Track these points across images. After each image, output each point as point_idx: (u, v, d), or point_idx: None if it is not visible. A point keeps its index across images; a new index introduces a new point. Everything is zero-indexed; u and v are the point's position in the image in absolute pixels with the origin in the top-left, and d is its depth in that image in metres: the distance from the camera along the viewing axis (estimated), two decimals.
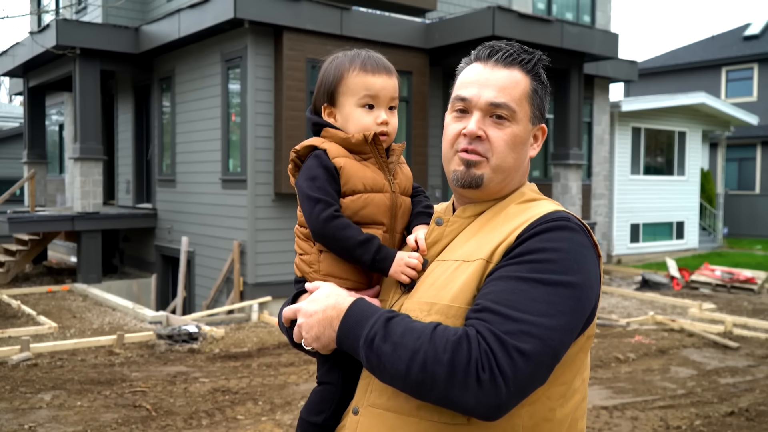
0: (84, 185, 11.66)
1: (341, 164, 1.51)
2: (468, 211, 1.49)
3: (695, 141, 17.97)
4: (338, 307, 1.38)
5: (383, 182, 1.54)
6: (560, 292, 1.27)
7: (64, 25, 11.27)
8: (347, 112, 1.57)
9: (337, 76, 1.58)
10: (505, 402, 1.21)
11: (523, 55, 1.47)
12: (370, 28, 10.41)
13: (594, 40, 11.67)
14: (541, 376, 1.26)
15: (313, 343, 1.42)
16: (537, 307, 1.25)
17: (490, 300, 1.28)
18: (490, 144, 1.44)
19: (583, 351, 1.41)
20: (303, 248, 1.56)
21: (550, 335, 1.24)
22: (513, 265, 1.32)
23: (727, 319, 9.13)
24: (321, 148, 1.53)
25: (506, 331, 1.23)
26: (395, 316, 1.32)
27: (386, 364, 1.26)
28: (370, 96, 1.57)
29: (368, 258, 1.46)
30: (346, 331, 1.34)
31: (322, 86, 1.60)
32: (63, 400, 5.73)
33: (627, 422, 5.44)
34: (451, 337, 1.23)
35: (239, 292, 9.89)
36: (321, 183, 1.49)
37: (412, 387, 1.25)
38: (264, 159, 9.87)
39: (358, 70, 1.57)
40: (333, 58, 1.64)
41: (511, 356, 1.21)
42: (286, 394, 6.02)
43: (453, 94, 1.50)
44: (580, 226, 1.38)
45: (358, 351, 1.32)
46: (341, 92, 1.58)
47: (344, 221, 1.47)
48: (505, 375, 1.20)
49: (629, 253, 16.45)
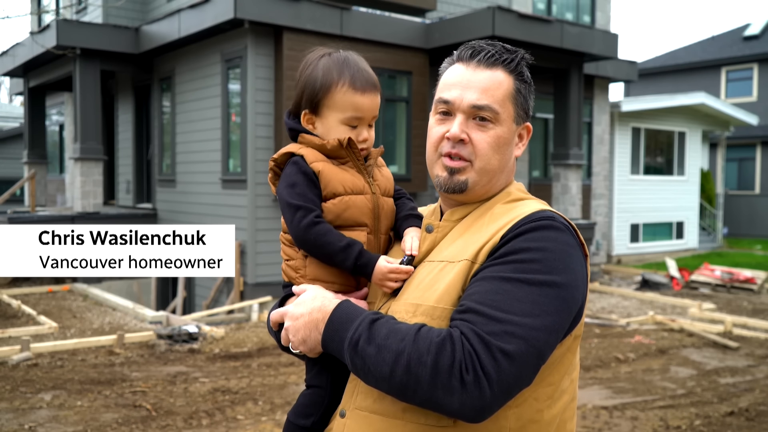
0: (84, 185, 11.67)
1: (319, 168, 1.50)
2: (456, 214, 1.49)
3: (695, 141, 17.97)
4: (323, 309, 1.37)
5: (363, 184, 1.53)
6: (545, 292, 1.27)
7: (64, 25, 11.28)
8: (330, 125, 1.55)
9: (325, 86, 1.54)
10: (490, 403, 1.20)
11: (505, 54, 1.46)
12: (370, 28, 10.41)
13: (594, 40, 11.67)
14: (526, 377, 1.25)
15: (299, 346, 1.41)
16: (521, 308, 1.24)
17: (474, 301, 1.27)
18: (474, 147, 1.43)
19: (571, 351, 1.40)
20: (289, 254, 1.56)
21: (535, 335, 1.23)
22: (497, 265, 1.31)
23: (727, 319, 9.13)
24: (298, 154, 1.52)
25: (490, 332, 1.22)
26: (380, 317, 1.31)
27: (370, 366, 1.26)
28: (356, 117, 1.55)
29: (350, 264, 1.46)
30: (331, 334, 1.34)
31: (305, 92, 1.57)
32: (63, 400, 5.73)
33: (627, 422, 5.44)
34: (435, 339, 1.23)
35: (239, 292, 9.90)
36: (301, 189, 1.48)
37: (397, 389, 1.25)
38: (264, 159, 9.87)
39: (347, 86, 1.53)
40: (317, 58, 1.59)
41: (495, 357, 1.20)
42: (286, 394, 6.03)
43: (436, 96, 1.49)
44: (566, 225, 1.37)
45: (343, 353, 1.32)
46: (326, 105, 1.55)
47: (325, 227, 1.47)
48: (489, 376, 1.19)
49: (629, 253, 16.46)
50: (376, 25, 10.53)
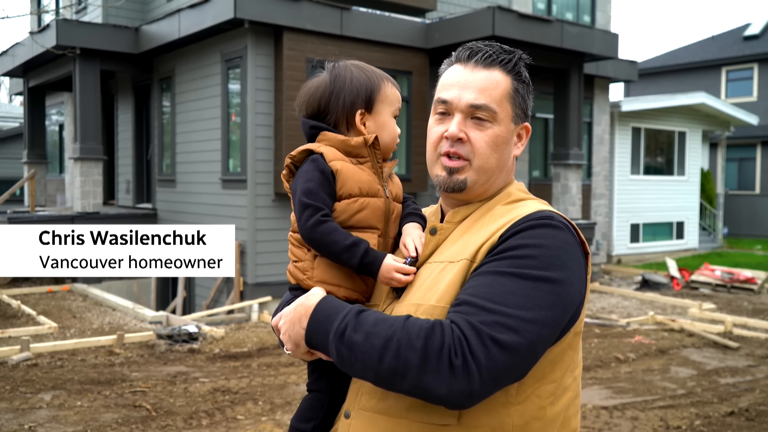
0: (84, 185, 11.67)
1: (338, 167, 1.51)
2: (458, 215, 1.50)
3: (695, 141, 17.97)
4: (306, 303, 1.37)
5: (378, 187, 1.55)
6: (539, 286, 1.28)
7: (64, 25, 11.27)
8: (384, 120, 1.61)
9: (376, 84, 1.60)
10: (478, 389, 1.21)
11: (503, 55, 1.48)
12: (370, 28, 10.41)
13: (594, 40, 11.67)
14: (516, 369, 1.25)
15: (287, 343, 1.41)
16: (514, 300, 1.25)
17: (468, 294, 1.29)
18: (472, 146, 1.44)
19: (572, 348, 1.40)
20: (297, 255, 1.56)
21: (526, 327, 1.24)
22: (493, 261, 1.32)
23: (727, 319, 9.13)
24: (317, 152, 1.53)
25: (482, 321, 1.23)
26: (366, 310, 1.32)
27: (358, 354, 1.25)
28: (398, 108, 1.65)
29: (355, 262, 1.46)
30: (315, 326, 1.33)
31: (359, 94, 1.59)
32: (63, 400, 5.73)
33: (627, 422, 5.44)
34: (424, 324, 1.24)
35: (239, 292, 9.90)
36: (315, 187, 1.49)
37: (385, 376, 1.24)
38: (264, 159, 9.87)
39: (389, 83, 1.63)
40: (343, 68, 1.62)
41: (485, 344, 1.21)
42: (286, 394, 6.02)
43: (435, 97, 1.51)
44: (565, 224, 1.38)
45: (327, 346, 1.31)
46: (380, 100, 1.60)
47: (331, 225, 1.47)
48: (478, 362, 1.20)
49: (629, 253, 16.46)
50: (376, 25, 10.53)
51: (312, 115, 1.61)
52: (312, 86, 1.62)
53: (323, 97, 1.60)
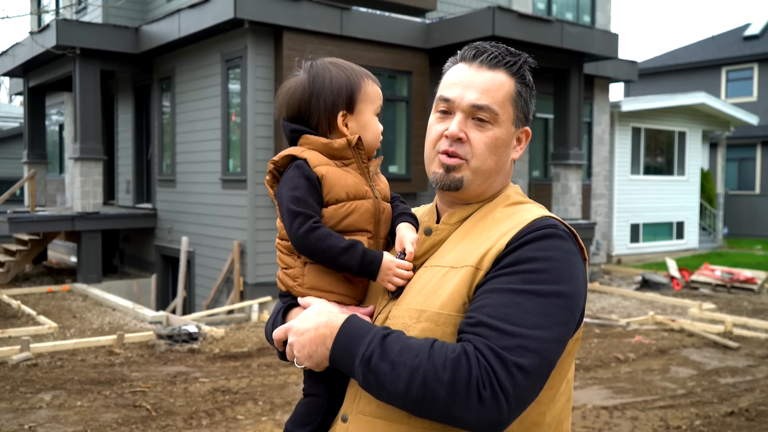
0: (84, 185, 11.66)
1: (323, 173, 1.48)
2: (454, 217, 1.49)
3: (695, 141, 17.97)
4: (330, 324, 1.35)
5: (366, 188, 1.52)
6: (554, 302, 1.28)
7: (64, 25, 11.27)
8: (366, 119, 1.57)
9: (356, 83, 1.56)
10: (507, 417, 1.21)
11: (508, 57, 1.46)
12: (370, 28, 10.41)
13: (594, 40, 11.67)
14: (538, 389, 1.27)
15: (305, 362, 1.39)
16: (533, 320, 1.25)
17: (486, 314, 1.27)
18: (471, 146, 1.43)
19: (571, 354, 1.41)
20: (286, 262, 1.53)
21: (547, 348, 1.25)
22: (505, 276, 1.31)
23: (727, 319, 9.13)
24: (301, 158, 1.50)
25: (504, 347, 1.23)
26: (390, 333, 1.30)
27: (385, 383, 1.25)
28: (380, 105, 1.60)
29: (355, 263, 1.44)
30: (341, 350, 1.32)
31: (340, 94, 1.54)
32: (63, 400, 5.73)
33: (627, 422, 5.44)
34: (450, 355, 1.23)
35: (239, 292, 9.90)
36: (302, 194, 1.46)
37: (412, 405, 1.24)
38: (264, 159, 9.87)
39: (370, 80, 1.58)
40: (320, 67, 1.57)
41: (511, 372, 1.21)
42: (286, 394, 6.03)
43: (437, 94, 1.50)
44: (568, 233, 1.39)
45: (353, 369, 1.30)
46: (361, 99, 1.56)
47: (324, 231, 1.44)
48: (506, 391, 1.20)
49: (629, 253, 16.45)
50: (376, 25, 10.52)
51: (292, 117, 1.57)
52: (290, 87, 1.57)
53: (303, 99, 1.55)
